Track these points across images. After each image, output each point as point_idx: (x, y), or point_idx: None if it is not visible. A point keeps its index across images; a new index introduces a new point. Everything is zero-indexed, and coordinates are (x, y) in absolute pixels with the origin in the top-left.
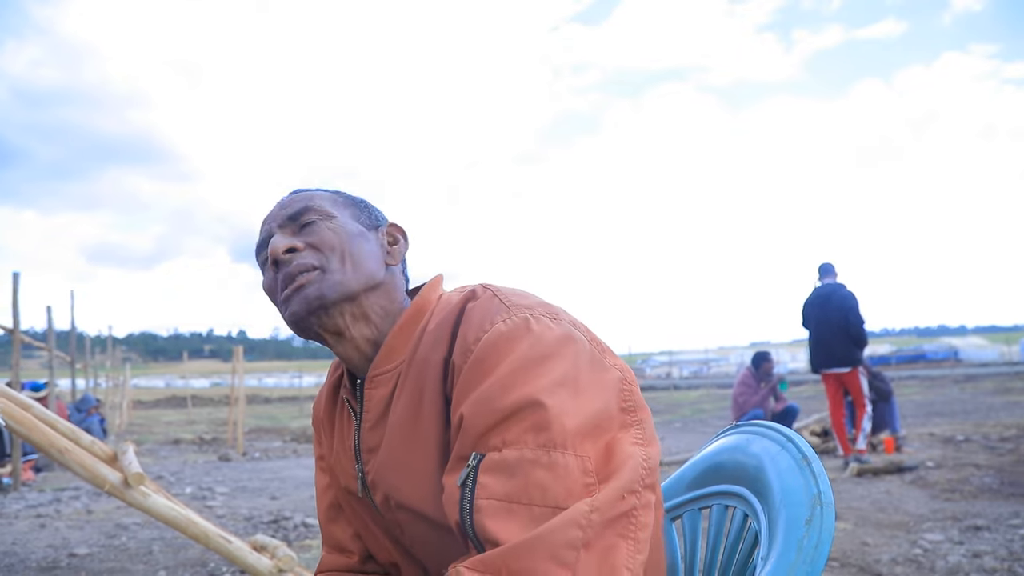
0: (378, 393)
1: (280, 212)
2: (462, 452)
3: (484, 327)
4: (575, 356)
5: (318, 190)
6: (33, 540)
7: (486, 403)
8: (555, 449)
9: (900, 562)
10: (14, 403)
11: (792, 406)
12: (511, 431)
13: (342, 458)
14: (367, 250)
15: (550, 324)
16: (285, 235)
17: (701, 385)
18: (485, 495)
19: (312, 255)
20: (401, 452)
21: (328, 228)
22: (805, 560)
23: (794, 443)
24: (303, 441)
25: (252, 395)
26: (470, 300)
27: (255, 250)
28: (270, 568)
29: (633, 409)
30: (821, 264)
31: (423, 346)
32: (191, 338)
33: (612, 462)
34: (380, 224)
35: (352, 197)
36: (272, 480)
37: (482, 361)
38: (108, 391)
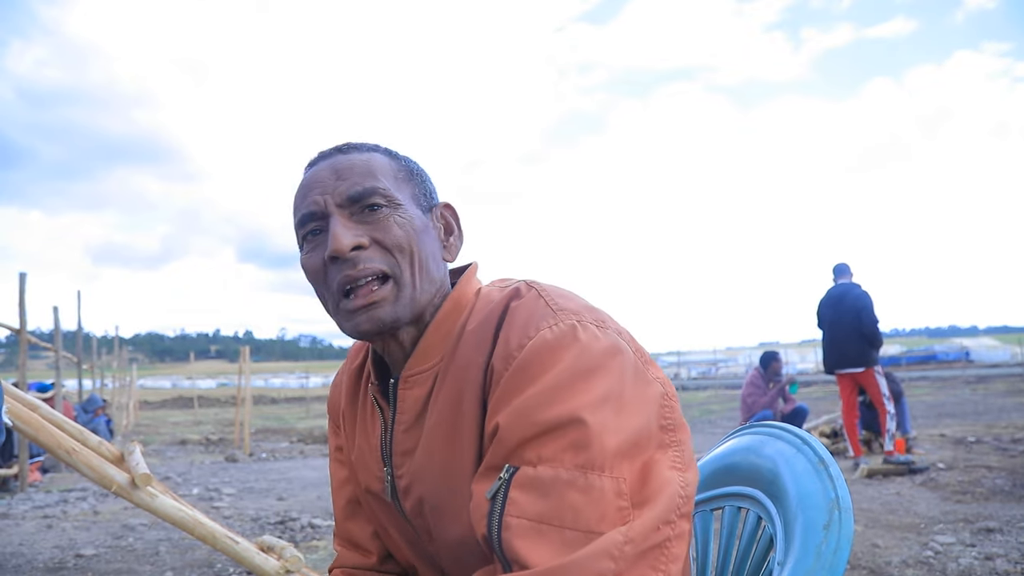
0: (413, 393)
1: (336, 183)
2: (494, 462)
3: (529, 332)
4: (620, 369)
5: (372, 150)
6: (40, 541)
7: (525, 414)
8: (592, 471)
9: (911, 564)
10: (21, 403)
11: (801, 407)
12: (548, 447)
13: (366, 457)
14: (432, 251)
15: (597, 333)
16: (346, 222)
17: (709, 386)
18: (516, 512)
19: (380, 256)
20: (440, 457)
21: (398, 223)
22: (824, 566)
23: (810, 445)
24: (310, 442)
25: (258, 396)
26: (513, 299)
27: (296, 218)
28: (277, 569)
29: (673, 428)
30: (836, 264)
31: (464, 347)
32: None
33: (648, 486)
34: (434, 203)
35: (409, 165)
36: (279, 481)
37: (524, 369)
38: (114, 392)
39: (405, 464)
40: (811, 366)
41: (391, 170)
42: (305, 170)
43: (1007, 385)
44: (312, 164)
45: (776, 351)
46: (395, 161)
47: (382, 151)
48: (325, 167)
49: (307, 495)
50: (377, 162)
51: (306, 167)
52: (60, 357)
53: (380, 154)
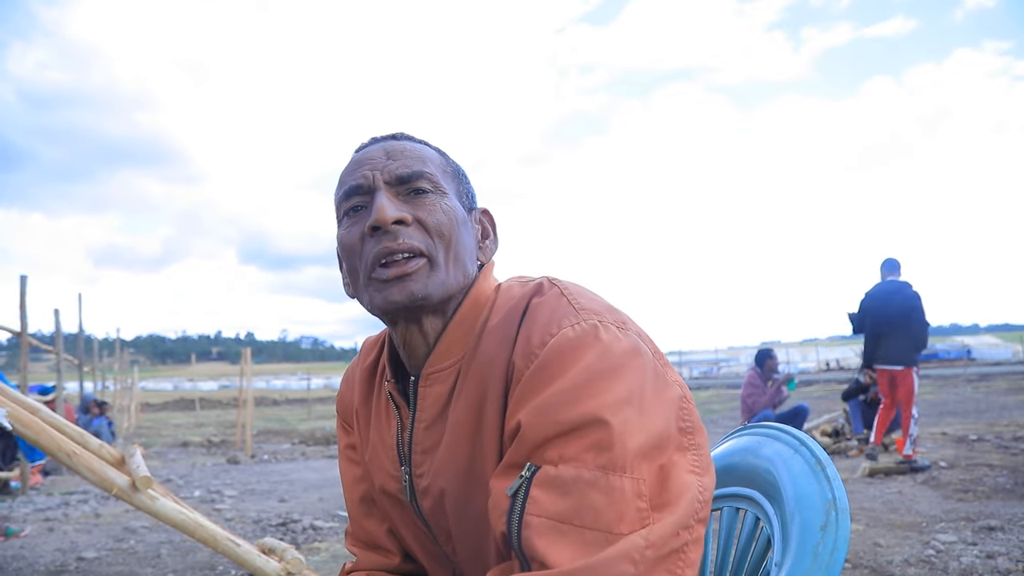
0: (435, 391)
1: (387, 162)
2: (515, 460)
3: (551, 331)
4: (641, 370)
5: (425, 143)
6: (41, 544)
7: (547, 413)
8: (614, 472)
9: (913, 563)
10: (22, 407)
11: (802, 406)
12: (570, 447)
13: (381, 456)
14: (468, 245)
15: (618, 334)
16: (392, 198)
17: (711, 385)
18: (536, 511)
19: (420, 235)
20: (463, 456)
21: (443, 208)
22: (821, 566)
23: (807, 447)
24: (312, 444)
25: (260, 397)
26: (535, 295)
27: (340, 192)
28: (278, 571)
29: (691, 431)
30: (886, 260)
31: (486, 343)
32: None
33: (668, 490)
34: (474, 206)
35: (455, 165)
36: (281, 483)
37: (546, 368)
38: (116, 394)
39: (425, 463)
40: (812, 365)
41: (440, 163)
42: (356, 151)
43: (1009, 383)
44: (363, 146)
45: (770, 348)
46: (444, 157)
47: (432, 146)
48: (377, 148)
49: (309, 497)
50: (428, 153)
51: (356, 149)
52: (61, 359)
53: (431, 148)
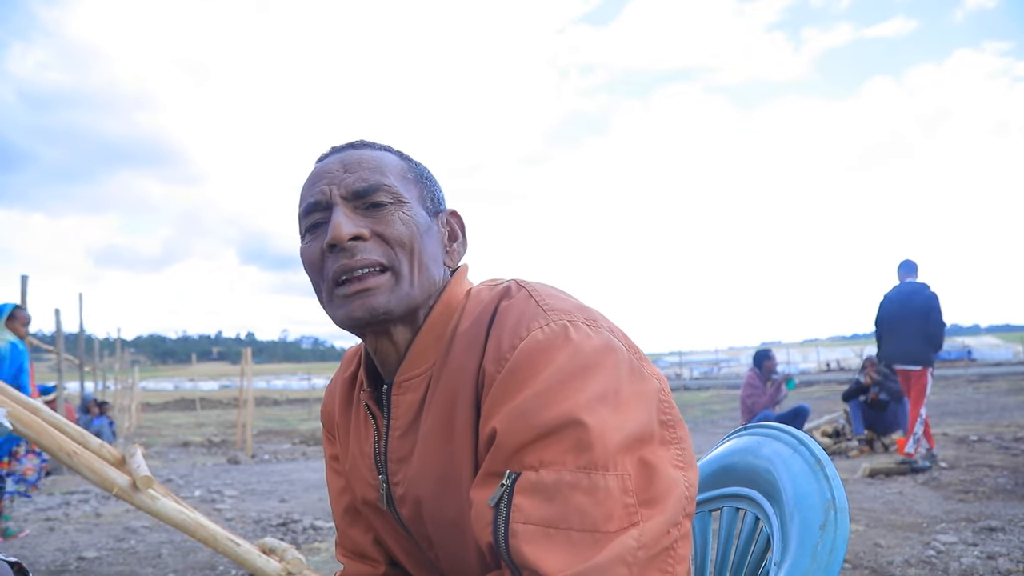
0: (407, 399)
1: (344, 176)
2: (494, 468)
3: (520, 333)
4: (615, 367)
5: (385, 149)
6: (42, 544)
7: (522, 418)
8: (596, 471)
9: (913, 564)
10: (22, 406)
11: (802, 407)
12: (549, 450)
13: (359, 465)
14: (433, 252)
15: (589, 332)
16: (349, 214)
17: (711, 386)
18: (522, 519)
19: (379, 249)
20: (436, 463)
21: (402, 219)
22: (820, 566)
23: (806, 446)
24: (312, 443)
25: (261, 397)
26: (504, 298)
27: (301, 208)
28: (279, 571)
29: (672, 424)
30: (904, 261)
31: (456, 349)
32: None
33: (654, 486)
34: (440, 209)
35: (418, 168)
36: (281, 483)
37: (517, 372)
38: (117, 394)
39: (400, 471)
40: (813, 366)
41: (400, 170)
42: (316, 163)
43: (1009, 384)
44: (323, 157)
45: (768, 349)
46: (405, 162)
47: (394, 152)
48: (335, 160)
49: (309, 497)
50: (387, 161)
51: (317, 160)
52: (62, 359)
53: (391, 154)
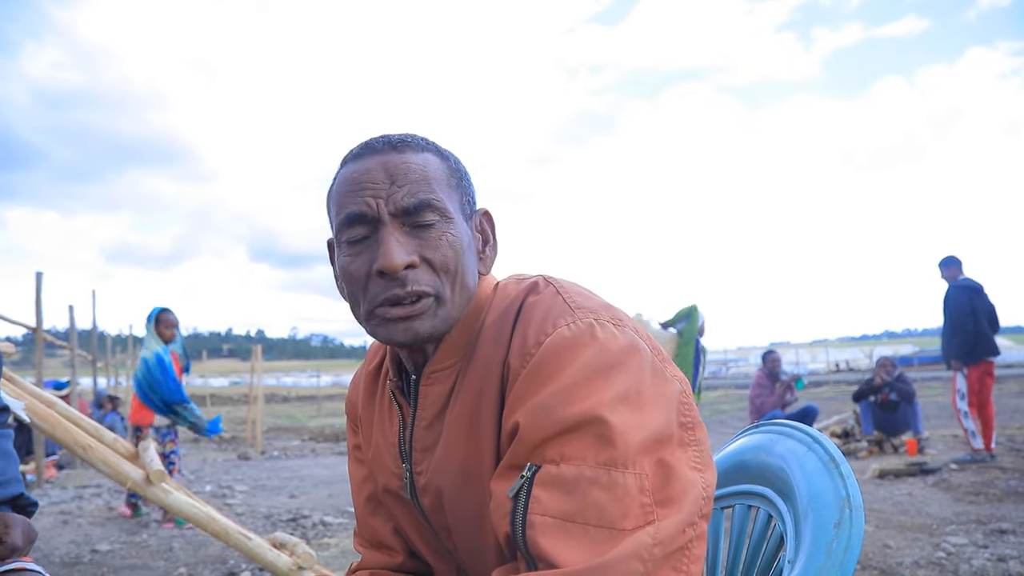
0: (435, 390)
1: (391, 189)
2: (515, 461)
3: (546, 329)
4: (639, 367)
5: (426, 148)
6: (57, 536)
7: (545, 413)
8: (615, 468)
9: (923, 565)
10: (39, 400)
11: (811, 407)
12: (570, 445)
13: (383, 454)
14: (471, 266)
15: (615, 332)
16: (400, 237)
17: (720, 385)
18: (540, 511)
19: (427, 277)
20: (460, 454)
21: (450, 244)
22: (834, 564)
23: (821, 444)
24: (321, 440)
25: (270, 394)
26: (530, 294)
27: (340, 216)
28: (289, 565)
29: (692, 426)
30: (949, 257)
31: (483, 342)
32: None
33: (671, 486)
34: (474, 210)
35: (457, 167)
36: (291, 479)
37: (542, 367)
38: (128, 389)
39: (425, 461)
40: (822, 366)
41: (444, 176)
42: (351, 159)
43: (1021, 385)
44: (359, 156)
45: (773, 349)
46: (446, 163)
47: (433, 150)
48: (377, 165)
49: (319, 493)
50: (432, 167)
51: (352, 156)
52: (75, 355)
53: (433, 155)
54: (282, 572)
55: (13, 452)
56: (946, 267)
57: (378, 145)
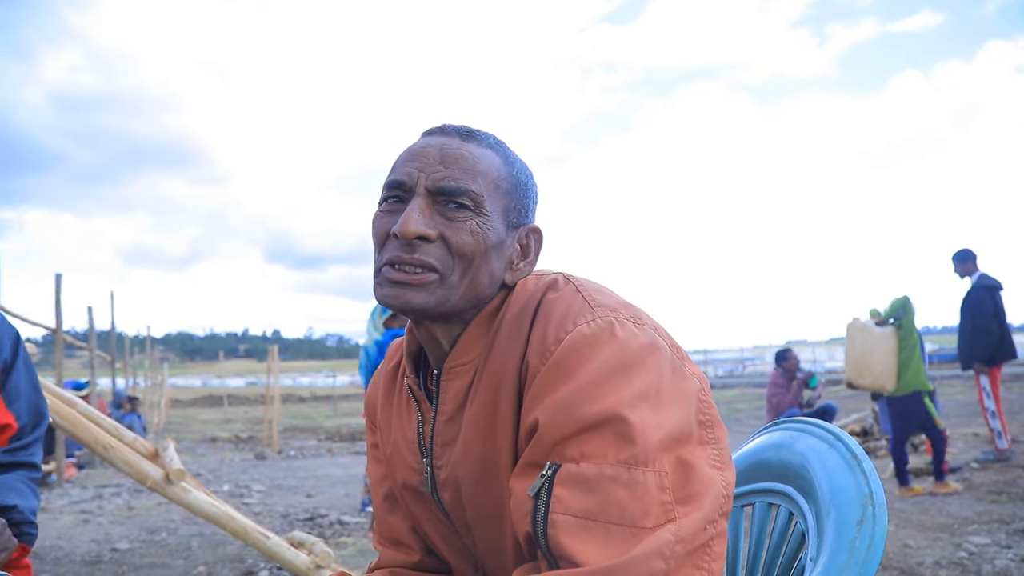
0: (455, 385)
1: (436, 167)
2: (535, 459)
3: (566, 327)
4: (658, 365)
5: (491, 147)
6: (77, 535)
7: (565, 411)
8: (636, 467)
9: (944, 565)
10: (60, 400)
11: (829, 405)
12: (591, 444)
13: (402, 450)
14: (493, 268)
15: (634, 330)
16: (425, 209)
17: (736, 384)
18: (561, 509)
19: (439, 253)
20: (478, 449)
21: (472, 231)
22: (857, 561)
23: (842, 441)
24: (337, 440)
25: (287, 394)
26: (550, 291)
27: (388, 177)
28: (307, 564)
29: (711, 424)
30: (963, 251)
31: (501, 338)
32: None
33: (691, 484)
34: (523, 222)
35: (518, 177)
36: (307, 478)
37: (562, 365)
38: (146, 390)
39: (445, 455)
40: (838, 364)
41: (496, 176)
42: (424, 134)
43: None
44: (430, 133)
45: (787, 348)
46: (507, 167)
47: (499, 152)
48: (436, 144)
49: (335, 492)
50: (486, 163)
51: (425, 132)
52: (95, 356)
53: (496, 155)
54: (301, 571)
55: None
56: (960, 262)
57: (449, 128)
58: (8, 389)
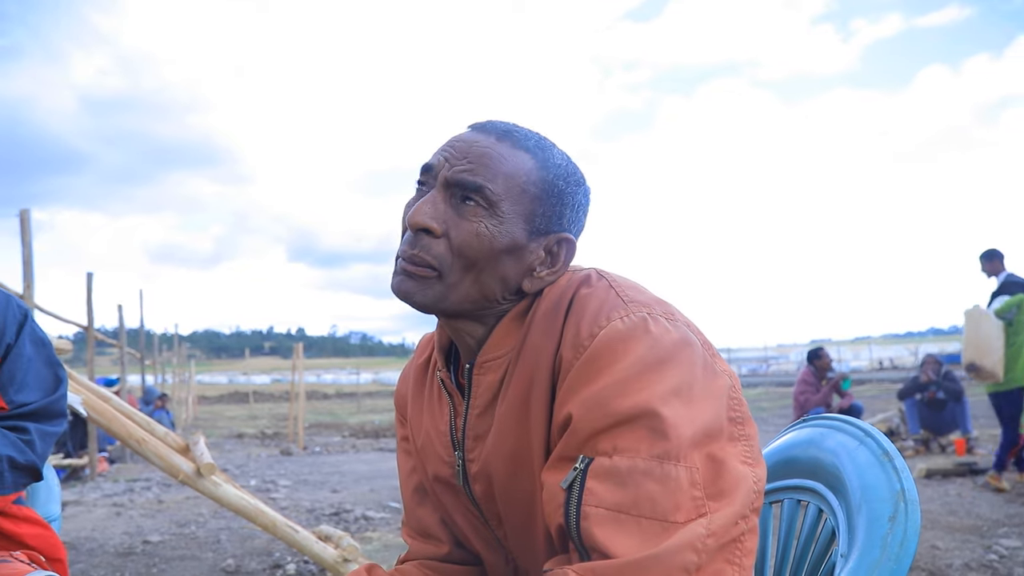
0: (487, 379)
1: (460, 160)
2: (567, 452)
3: (600, 322)
4: (691, 362)
5: (532, 150)
6: (110, 527)
7: (598, 405)
8: (668, 461)
9: (974, 568)
10: (96, 395)
11: (856, 404)
12: (624, 438)
13: (434, 443)
14: (505, 273)
15: (667, 326)
16: (438, 201)
17: (760, 383)
18: (594, 502)
19: (440, 250)
20: (510, 443)
21: (478, 231)
22: (890, 557)
23: (873, 438)
24: (362, 436)
25: (311, 391)
26: (583, 286)
27: (425, 161)
28: (335, 557)
29: (741, 421)
30: (991, 250)
31: (534, 332)
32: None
33: (722, 480)
34: (552, 230)
35: (553, 183)
36: (332, 474)
37: (596, 360)
38: (174, 387)
39: (477, 448)
40: (864, 364)
41: (525, 180)
42: (467, 126)
43: None
44: (471, 127)
45: (820, 347)
46: (541, 171)
47: (536, 155)
48: (470, 139)
49: (360, 488)
50: (515, 164)
51: (468, 125)
52: (124, 353)
53: (531, 158)
54: (329, 564)
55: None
56: (987, 260)
57: (489, 126)
58: (9, 366)
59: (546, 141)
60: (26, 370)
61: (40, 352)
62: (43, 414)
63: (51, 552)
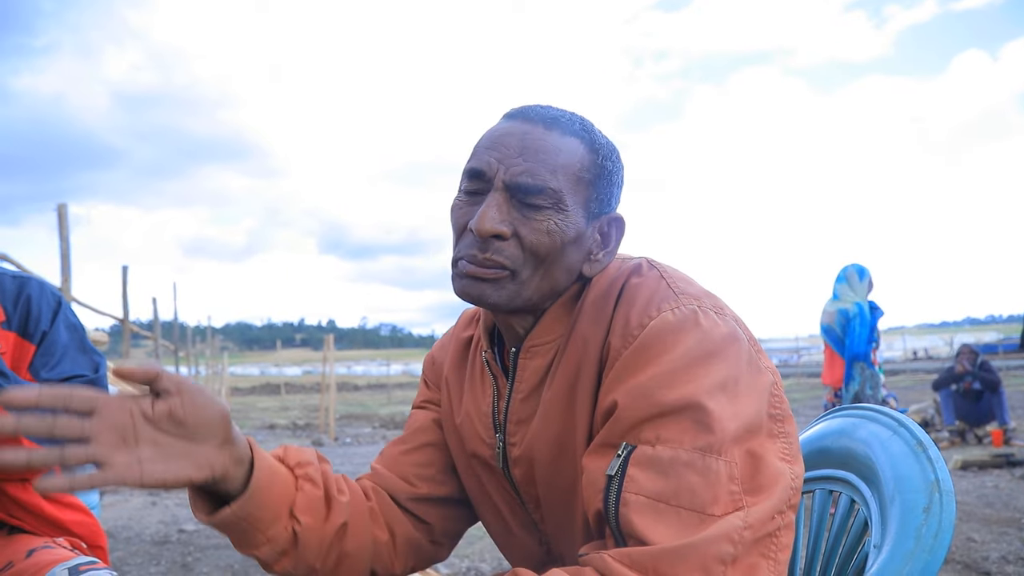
0: (534, 364)
1: (515, 160)
2: (611, 439)
3: (650, 312)
4: (737, 357)
5: (579, 134)
6: (147, 516)
7: (645, 394)
8: (710, 454)
9: (1011, 560)
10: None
11: (890, 395)
12: (668, 428)
13: (475, 423)
14: (570, 262)
15: (716, 320)
16: (502, 204)
17: (791, 374)
18: (634, 489)
19: (512, 251)
20: (555, 429)
21: (549, 230)
22: (924, 548)
23: (907, 428)
24: (392, 428)
25: (342, 383)
26: (634, 275)
27: (468, 164)
28: None
29: (782, 419)
30: None
31: (583, 320)
32: (283, 328)
33: (760, 475)
34: (605, 212)
35: (602, 165)
36: (363, 465)
37: (645, 350)
38: (208, 378)
39: (519, 432)
40: (898, 354)
41: (579, 168)
42: (506, 117)
43: None
44: (512, 117)
45: None
46: (591, 155)
47: (585, 139)
48: (518, 132)
49: None
50: (568, 154)
51: (507, 115)
52: (159, 345)
53: (581, 143)
54: None
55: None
56: None
57: (531, 114)
58: (45, 352)
59: (588, 122)
60: (62, 355)
61: (74, 337)
62: None
63: (92, 539)
